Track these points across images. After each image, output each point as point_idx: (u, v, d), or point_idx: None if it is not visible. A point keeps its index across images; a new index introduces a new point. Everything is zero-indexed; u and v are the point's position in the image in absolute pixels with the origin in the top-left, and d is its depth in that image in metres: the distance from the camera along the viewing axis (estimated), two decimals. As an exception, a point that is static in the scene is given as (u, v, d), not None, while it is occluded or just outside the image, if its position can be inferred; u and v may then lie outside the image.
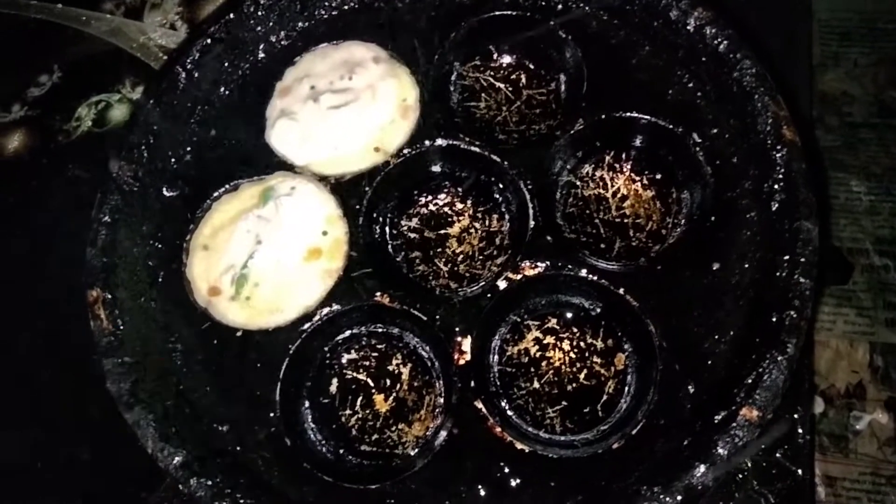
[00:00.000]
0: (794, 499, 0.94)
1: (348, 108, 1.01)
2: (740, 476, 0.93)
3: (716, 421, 0.75)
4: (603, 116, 0.98)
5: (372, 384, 0.92)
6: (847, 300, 1.45)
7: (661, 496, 0.71)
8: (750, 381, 0.75)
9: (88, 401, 1.05)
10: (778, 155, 0.85)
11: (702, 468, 0.71)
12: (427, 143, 1.00)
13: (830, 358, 1.42)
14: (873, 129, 1.61)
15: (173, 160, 1.00)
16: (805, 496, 0.96)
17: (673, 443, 0.77)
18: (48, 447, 1.08)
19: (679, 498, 0.71)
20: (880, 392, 1.37)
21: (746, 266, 0.86)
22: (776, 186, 0.85)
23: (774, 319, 0.77)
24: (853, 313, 1.45)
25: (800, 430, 0.97)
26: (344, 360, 0.94)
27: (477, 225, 1.01)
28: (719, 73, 0.92)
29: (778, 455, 0.95)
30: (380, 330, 0.94)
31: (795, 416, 0.97)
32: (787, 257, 0.81)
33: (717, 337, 0.84)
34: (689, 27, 0.95)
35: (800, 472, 0.95)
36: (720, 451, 0.72)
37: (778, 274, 0.81)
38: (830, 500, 1.32)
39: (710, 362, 0.83)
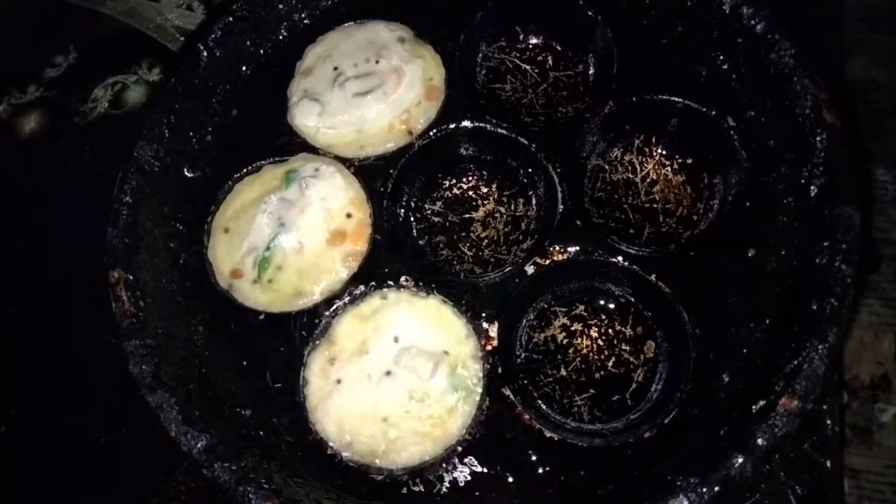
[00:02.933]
0: (822, 491, 0.92)
1: (374, 95, 0.99)
2: (767, 467, 0.91)
3: (754, 411, 0.73)
4: (633, 99, 0.96)
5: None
6: (872, 290, 1.42)
7: (698, 487, 0.69)
8: (789, 370, 0.73)
9: (104, 384, 1.04)
10: (818, 139, 0.83)
11: (740, 459, 0.70)
12: (453, 125, 0.98)
13: (855, 349, 1.40)
14: (900, 118, 1.57)
15: (194, 140, 0.98)
16: (833, 488, 0.94)
17: (709, 433, 0.75)
18: (65, 431, 1.07)
19: (716, 489, 0.69)
20: (905, 384, 1.35)
21: (783, 253, 0.84)
22: (815, 171, 0.82)
23: (815, 307, 0.75)
24: (878, 304, 1.42)
25: (828, 422, 0.94)
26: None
27: (502, 209, 0.99)
28: (756, 54, 0.90)
29: (806, 447, 0.93)
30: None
31: (824, 406, 0.95)
32: (826, 243, 0.78)
33: (752, 325, 0.82)
34: (724, 7, 0.92)
35: (828, 463, 0.93)
36: (759, 441, 0.70)
37: (817, 261, 0.78)
38: (854, 492, 1.30)
39: (745, 351, 0.81)
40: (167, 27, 1.38)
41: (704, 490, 0.69)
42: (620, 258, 0.88)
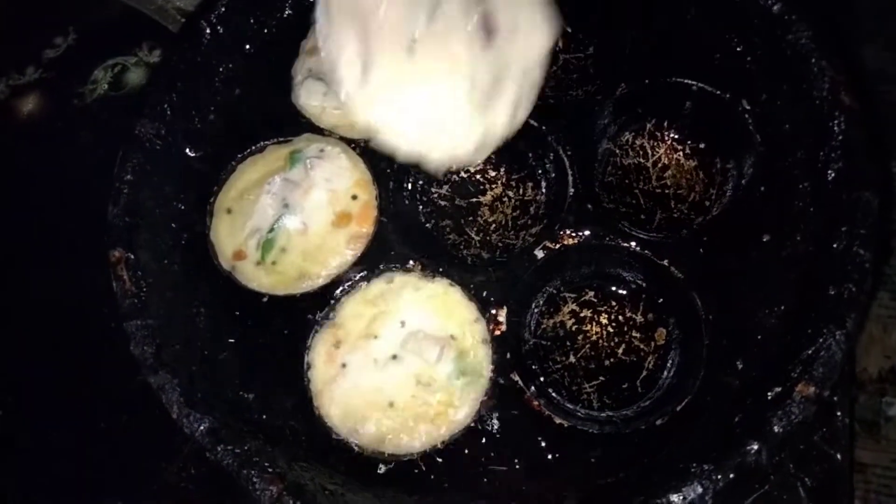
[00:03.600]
0: (831, 483, 0.90)
1: None
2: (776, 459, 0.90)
3: (769, 397, 0.71)
4: (646, 82, 0.94)
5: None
6: (882, 283, 1.41)
7: (713, 474, 0.67)
8: (806, 356, 0.71)
9: (104, 369, 1.02)
10: (835, 122, 0.81)
11: (755, 445, 0.68)
12: (461, 106, 0.96)
13: (863, 342, 1.38)
14: (910, 109, 1.56)
15: (197, 119, 0.96)
16: (843, 481, 0.93)
17: (723, 420, 0.73)
18: (63, 417, 1.05)
19: (731, 475, 0.67)
20: (914, 377, 1.34)
21: (799, 238, 0.82)
22: (833, 155, 0.81)
23: (832, 293, 0.73)
24: (887, 297, 1.41)
25: (838, 414, 0.93)
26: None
27: (510, 193, 0.97)
28: (772, 35, 0.87)
29: (816, 438, 0.91)
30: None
31: (835, 398, 0.93)
32: (844, 228, 0.76)
33: (767, 311, 0.80)
34: (740, -13, 0.90)
35: (838, 456, 0.92)
36: (775, 428, 0.68)
37: (835, 246, 0.76)
38: (861, 486, 1.28)
39: (759, 338, 0.79)
40: (168, 8, 1.36)
41: (719, 477, 0.67)
42: (632, 243, 0.86)
